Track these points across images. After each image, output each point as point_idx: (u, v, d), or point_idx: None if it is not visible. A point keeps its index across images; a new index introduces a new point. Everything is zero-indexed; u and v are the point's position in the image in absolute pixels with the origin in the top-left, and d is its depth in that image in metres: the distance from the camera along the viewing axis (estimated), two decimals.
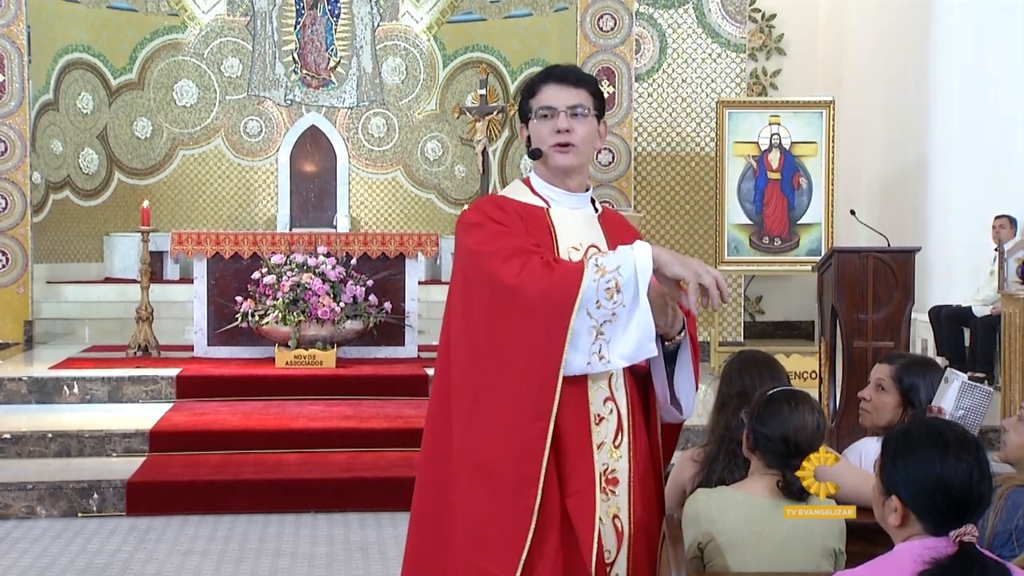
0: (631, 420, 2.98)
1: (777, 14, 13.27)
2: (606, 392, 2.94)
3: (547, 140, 3.03)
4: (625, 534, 2.93)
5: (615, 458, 2.94)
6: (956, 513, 2.34)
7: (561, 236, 3.01)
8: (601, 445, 2.92)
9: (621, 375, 2.96)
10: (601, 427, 2.93)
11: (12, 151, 11.19)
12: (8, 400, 8.75)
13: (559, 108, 3.01)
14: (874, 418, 3.88)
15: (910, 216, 11.37)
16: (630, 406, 2.98)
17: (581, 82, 3.05)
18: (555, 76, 3.04)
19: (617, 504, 2.93)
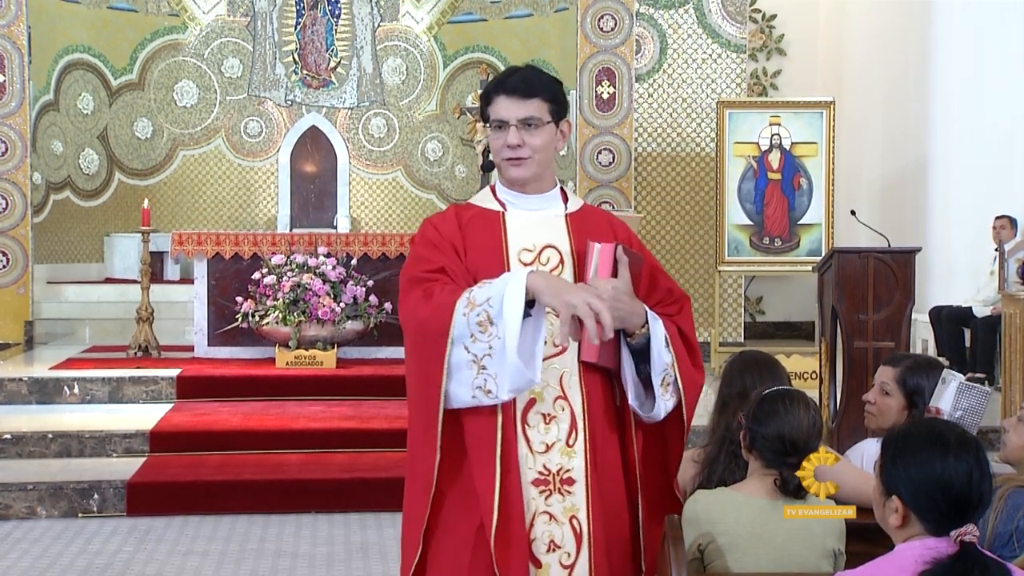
0: (588, 418, 2.91)
1: (777, 14, 13.27)
2: (557, 391, 2.90)
3: (500, 153, 3.02)
4: (584, 535, 2.87)
5: (570, 457, 2.89)
6: (957, 513, 2.34)
7: (512, 240, 2.99)
8: (553, 444, 2.88)
9: (575, 372, 2.91)
10: (552, 426, 2.89)
11: (12, 151, 11.19)
12: (9, 400, 8.76)
13: (510, 121, 2.98)
14: (879, 421, 3.86)
15: (910, 216, 11.38)
16: (587, 404, 2.92)
17: (533, 94, 2.98)
18: (507, 88, 2.99)
19: (574, 504, 2.88)
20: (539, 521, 2.87)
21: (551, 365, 2.89)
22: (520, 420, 2.88)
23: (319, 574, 5.95)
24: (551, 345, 2.88)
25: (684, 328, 3.02)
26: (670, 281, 3.12)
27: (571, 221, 3.06)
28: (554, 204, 3.09)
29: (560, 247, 3.00)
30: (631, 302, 2.88)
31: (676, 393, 2.95)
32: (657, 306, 3.01)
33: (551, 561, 2.86)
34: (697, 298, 11.83)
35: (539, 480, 2.87)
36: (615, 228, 3.10)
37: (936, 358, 4.14)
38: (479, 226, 3.01)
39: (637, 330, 2.90)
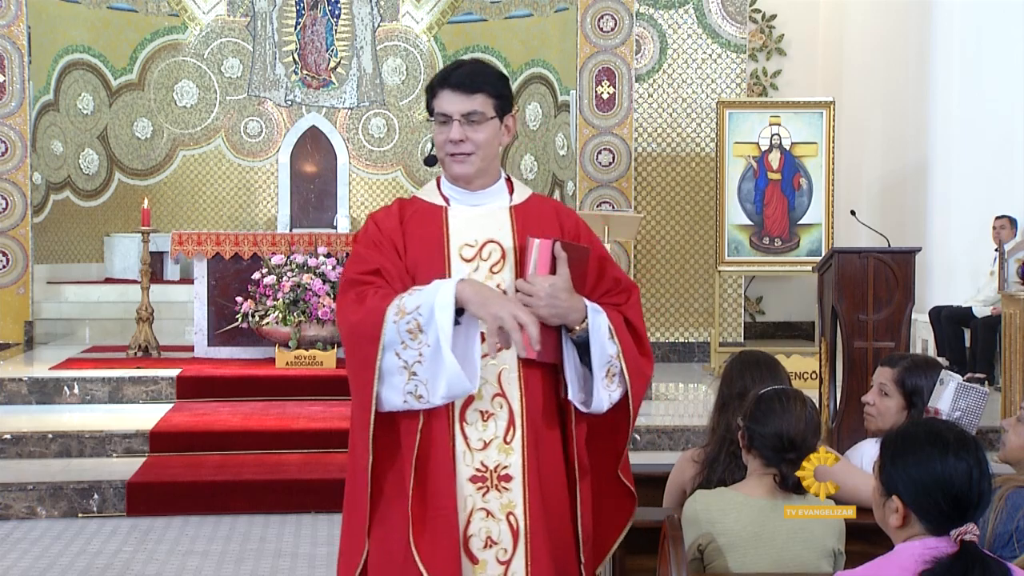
0: (526, 415, 2.91)
1: (777, 15, 13.27)
2: (495, 388, 2.91)
3: (443, 148, 3.01)
4: (521, 531, 2.88)
5: (507, 454, 2.90)
6: (957, 512, 2.35)
7: (454, 235, 2.98)
8: (491, 442, 2.89)
9: (515, 369, 2.91)
10: (490, 423, 2.90)
11: (12, 151, 11.19)
12: (8, 400, 8.76)
13: (453, 116, 2.96)
14: (879, 422, 3.85)
15: (910, 217, 11.38)
16: (526, 400, 2.92)
17: (478, 88, 2.95)
18: (451, 82, 2.97)
19: (511, 500, 2.89)
20: (476, 517, 2.88)
21: (489, 362, 2.89)
22: (458, 417, 2.89)
23: (319, 574, 5.95)
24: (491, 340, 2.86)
25: (631, 317, 3.02)
26: (618, 271, 3.11)
27: (515, 214, 3.04)
28: (498, 197, 3.06)
29: (502, 242, 2.99)
30: (569, 298, 2.88)
31: (623, 383, 2.95)
32: (605, 296, 3.01)
33: (488, 557, 2.87)
34: (697, 298, 11.83)
35: (476, 477, 2.88)
36: (562, 219, 3.08)
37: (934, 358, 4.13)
38: (421, 221, 3.01)
39: (577, 325, 2.91)
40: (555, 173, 12.57)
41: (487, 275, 2.94)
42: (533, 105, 12.92)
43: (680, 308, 11.85)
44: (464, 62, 3.05)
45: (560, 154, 12.43)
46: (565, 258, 2.91)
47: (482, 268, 2.96)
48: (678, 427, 8.21)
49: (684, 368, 11.32)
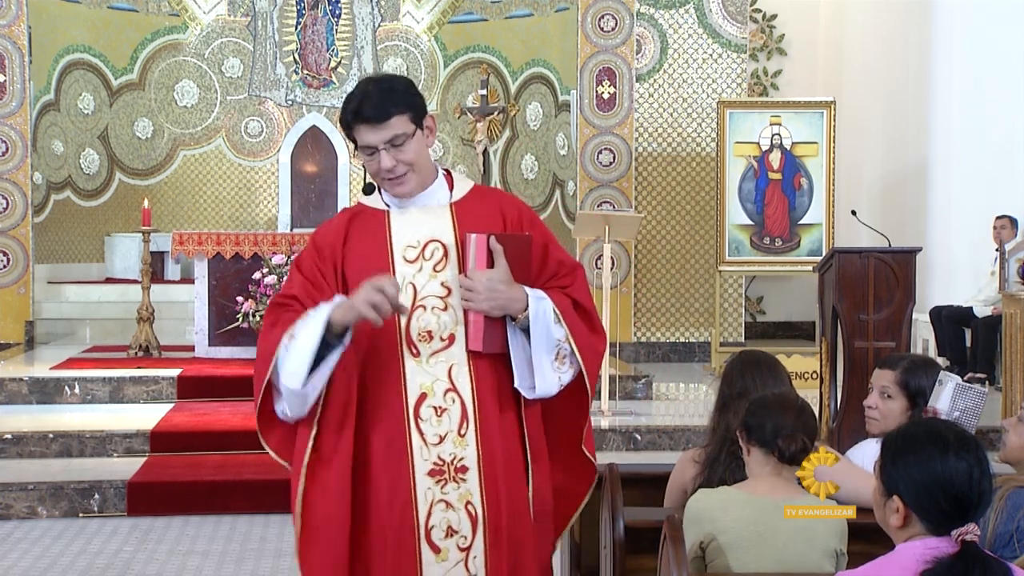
0: (478, 407, 3.01)
1: (778, 14, 13.27)
2: (446, 384, 3.00)
3: (377, 175, 3.08)
4: (479, 519, 2.99)
5: (462, 446, 3.00)
6: (958, 512, 2.34)
7: (396, 238, 3.06)
8: (446, 435, 2.99)
9: (464, 364, 3.01)
10: (444, 418, 2.99)
11: (13, 151, 11.19)
12: (9, 400, 8.76)
13: (378, 147, 3.02)
14: (882, 425, 3.79)
15: (911, 216, 11.38)
16: (477, 393, 3.01)
17: (390, 114, 3.01)
18: (362, 118, 3.01)
19: (468, 490, 2.99)
20: (436, 509, 2.98)
21: (439, 359, 3.00)
22: (413, 415, 2.98)
23: None
24: (439, 339, 3.00)
25: (578, 298, 3.10)
26: (562, 252, 3.19)
27: (456, 210, 3.11)
28: (438, 195, 3.14)
29: (444, 239, 3.06)
30: (508, 290, 2.97)
31: (575, 363, 3.05)
32: (552, 279, 3.11)
33: (449, 546, 2.98)
34: (698, 298, 11.83)
35: (434, 471, 2.98)
36: (505, 209, 3.17)
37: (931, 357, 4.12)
38: (363, 228, 3.10)
39: (519, 314, 3.00)
40: (556, 173, 12.57)
41: (431, 274, 3.03)
42: (534, 105, 12.92)
43: (681, 308, 11.85)
44: (367, 92, 3.05)
45: (561, 154, 12.43)
46: (501, 251, 2.99)
47: (425, 268, 3.04)
48: (679, 427, 8.21)
49: (685, 368, 11.32)
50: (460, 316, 3.01)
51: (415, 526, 2.97)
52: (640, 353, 11.66)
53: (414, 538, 2.97)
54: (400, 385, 2.99)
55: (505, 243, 3.01)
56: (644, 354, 11.71)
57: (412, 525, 2.97)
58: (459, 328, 3.01)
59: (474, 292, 2.96)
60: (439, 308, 3.01)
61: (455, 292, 3.01)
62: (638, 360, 11.42)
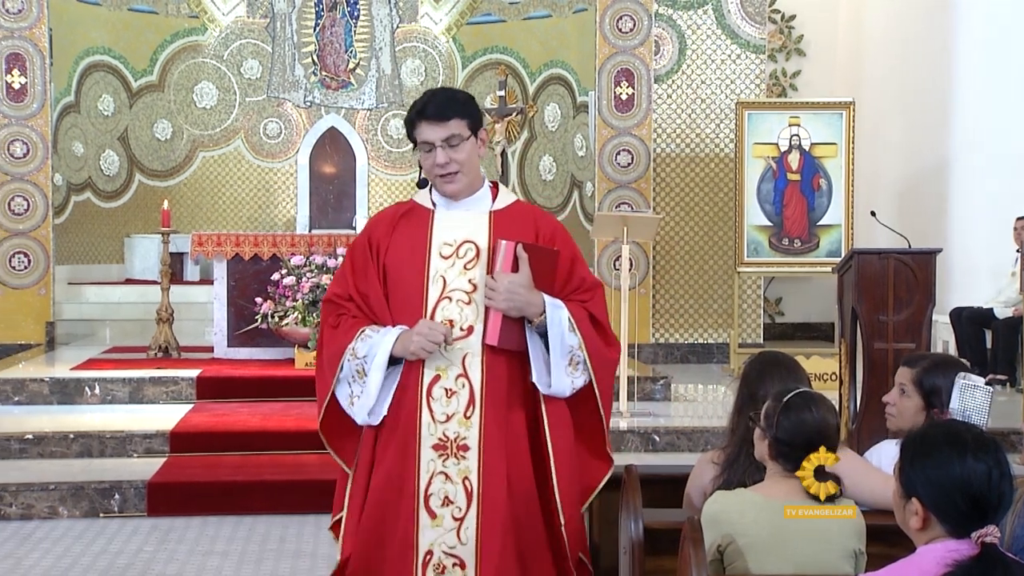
0: (485, 394, 3.34)
1: (797, 15, 13.24)
2: (459, 369, 3.35)
3: (432, 171, 3.44)
4: (475, 494, 3.34)
5: (466, 427, 3.35)
6: (977, 514, 2.34)
7: (436, 235, 3.42)
8: (452, 415, 3.35)
9: (478, 355, 3.35)
10: (453, 400, 3.35)
11: (34, 153, 11.25)
12: (30, 401, 8.80)
13: (435, 143, 3.40)
14: (898, 422, 3.84)
15: (931, 217, 11.33)
16: (486, 381, 3.34)
17: (450, 116, 3.40)
18: (426, 115, 3.42)
19: (468, 467, 3.34)
20: (436, 480, 3.35)
21: (456, 347, 3.35)
22: (426, 393, 3.35)
23: None
24: (458, 329, 3.35)
25: (595, 312, 3.44)
26: (585, 271, 3.55)
27: (495, 217, 3.47)
28: (482, 203, 3.50)
29: (478, 242, 3.41)
30: (527, 294, 3.32)
31: (586, 371, 3.40)
32: (574, 293, 3.44)
33: (444, 513, 3.35)
34: (716, 299, 11.81)
35: (438, 445, 3.35)
36: (539, 224, 3.51)
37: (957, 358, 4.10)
38: (410, 222, 3.48)
39: (536, 318, 3.34)
40: (573, 174, 12.57)
41: (461, 271, 3.39)
42: (552, 106, 12.92)
43: (699, 309, 11.84)
44: (434, 93, 3.51)
45: (579, 155, 12.43)
46: (526, 258, 3.33)
47: (457, 264, 3.40)
48: (697, 428, 8.20)
49: (703, 369, 11.31)
50: (481, 312, 3.35)
51: (415, 491, 3.34)
52: (658, 354, 11.65)
53: (414, 501, 3.34)
54: (418, 364, 3.35)
55: (531, 253, 3.34)
56: (662, 355, 11.69)
57: (413, 490, 3.34)
58: (479, 322, 3.35)
59: (496, 292, 3.30)
60: (463, 302, 3.36)
61: (480, 290, 3.35)
62: (656, 361, 11.41)
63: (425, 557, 3.35)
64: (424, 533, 3.34)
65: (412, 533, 3.34)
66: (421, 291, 3.36)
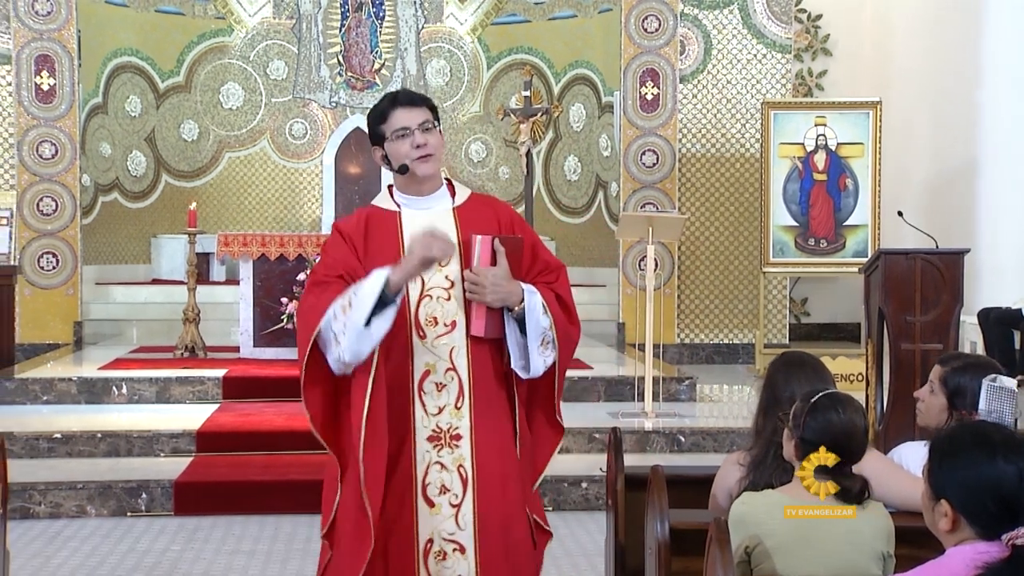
0: (474, 384, 3.48)
1: (823, 14, 13.18)
2: (447, 363, 3.48)
3: (410, 155, 3.52)
4: (469, 480, 3.47)
5: (457, 418, 3.48)
6: (1007, 516, 2.32)
7: (407, 237, 3.50)
8: (444, 408, 3.47)
9: (463, 347, 3.47)
10: (443, 393, 3.47)
11: (62, 154, 11.33)
12: (58, 400, 8.85)
13: (411, 127, 3.50)
14: (925, 418, 3.88)
15: (959, 217, 11.26)
16: (473, 372, 3.48)
17: (421, 103, 3.56)
18: (401, 101, 3.55)
19: (461, 455, 3.47)
20: (432, 470, 3.47)
21: (442, 342, 3.47)
22: (417, 388, 3.47)
23: None
24: (443, 325, 3.47)
25: (561, 293, 3.57)
26: (548, 254, 3.68)
27: (458, 214, 3.59)
28: (442, 200, 3.62)
29: (451, 238, 3.48)
30: (509, 284, 3.45)
31: (555, 349, 3.52)
32: (539, 276, 3.57)
33: (442, 501, 3.47)
34: (742, 299, 11.78)
35: (432, 437, 3.47)
36: (499, 214, 3.64)
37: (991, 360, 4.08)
38: (379, 225, 3.57)
39: (516, 306, 3.46)
40: (599, 174, 12.56)
41: (437, 268, 3.46)
42: (577, 106, 12.91)
43: (725, 309, 11.81)
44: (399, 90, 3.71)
45: (604, 155, 12.42)
46: (504, 252, 3.46)
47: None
48: (722, 429, 8.18)
49: (728, 370, 11.28)
50: (461, 306, 3.47)
51: (413, 482, 3.45)
52: (684, 355, 11.63)
53: (412, 492, 3.45)
54: (408, 362, 3.46)
55: (505, 244, 3.48)
56: (688, 356, 11.67)
57: (411, 481, 3.45)
58: (460, 316, 3.47)
59: (480, 286, 3.43)
60: (443, 298, 3.48)
61: (457, 285, 3.48)
62: (682, 362, 11.39)
63: (426, 545, 3.46)
64: (423, 522, 3.45)
65: (412, 523, 3.45)
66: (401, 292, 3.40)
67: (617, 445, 4.23)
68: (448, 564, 3.46)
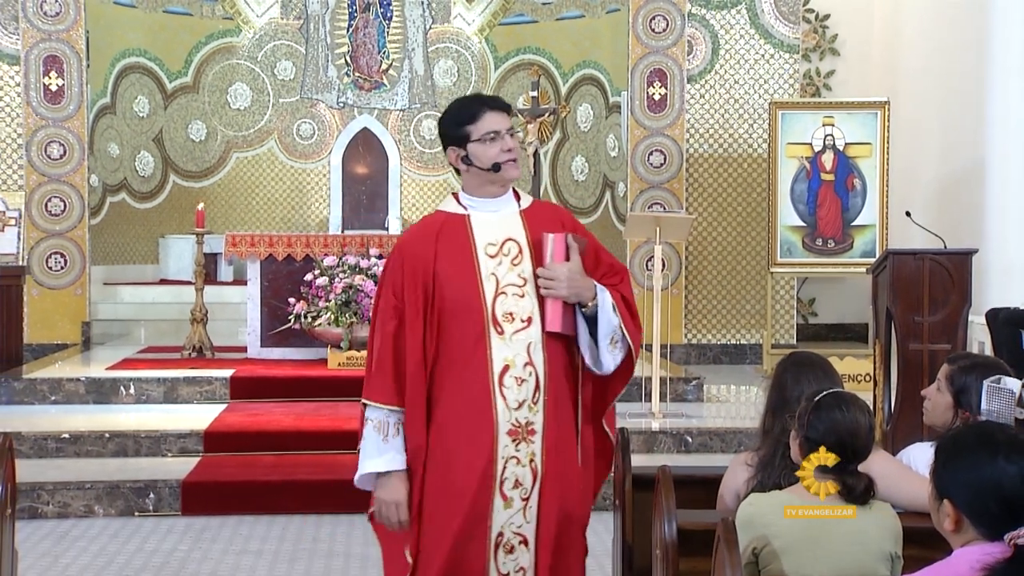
0: (548, 380, 3.56)
1: (831, 14, 13.15)
2: (525, 358, 3.55)
3: (499, 157, 3.62)
4: (539, 473, 3.54)
5: (533, 412, 3.55)
6: (1010, 516, 2.31)
7: (478, 238, 3.61)
8: (523, 403, 3.53)
9: (539, 343, 3.55)
10: (522, 387, 3.53)
11: (71, 154, 11.35)
12: (67, 400, 8.87)
13: (502, 130, 3.63)
14: (930, 417, 3.89)
15: (967, 218, 11.23)
16: (548, 367, 3.56)
17: (508, 108, 3.73)
18: (491, 105, 3.68)
19: (533, 450, 3.54)
20: (510, 465, 3.53)
21: (519, 337, 3.55)
22: (498, 383, 3.52)
23: (371, 575, 5.97)
24: (519, 321, 3.56)
25: (626, 295, 3.66)
26: (611, 257, 3.77)
27: (525, 216, 3.69)
28: (509, 204, 3.72)
29: (519, 239, 3.63)
30: (583, 280, 3.56)
31: (624, 347, 3.61)
32: (603, 278, 3.64)
33: (515, 496, 3.54)
34: (749, 300, 11.77)
35: (512, 431, 3.53)
36: (561, 218, 3.76)
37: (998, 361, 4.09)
38: (450, 230, 3.65)
39: (589, 302, 3.57)
40: (606, 174, 12.55)
41: (509, 267, 3.59)
42: (584, 106, 12.91)
43: (732, 310, 11.80)
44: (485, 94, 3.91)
45: (611, 155, 12.41)
46: (577, 247, 3.57)
47: (504, 262, 3.60)
48: (730, 429, 8.18)
49: (736, 370, 11.27)
50: (536, 303, 3.56)
51: (494, 477, 3.51)
52: (691, 355, 11.62)
53: (492, 489, 3.51)
54: (487, 358, 3.52)
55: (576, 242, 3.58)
56: (695, 356, 11.66)
57: (492, 477, 3.50)
58: (535, 312, 3.56)
59: (555, 281, 3.53)
60: (518, 295, 3.57)
61: (530, 282, 3.57)
62: (689, 362, 11.38)
63: (497, 539, 3.53)
64: (497, 516, 3.52)
65: (488, 518, 3.51)
66: (477, 290, 3.55)
67: (624, 445, 4.23)
68: (514, 556, 3.55)
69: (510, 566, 3.54)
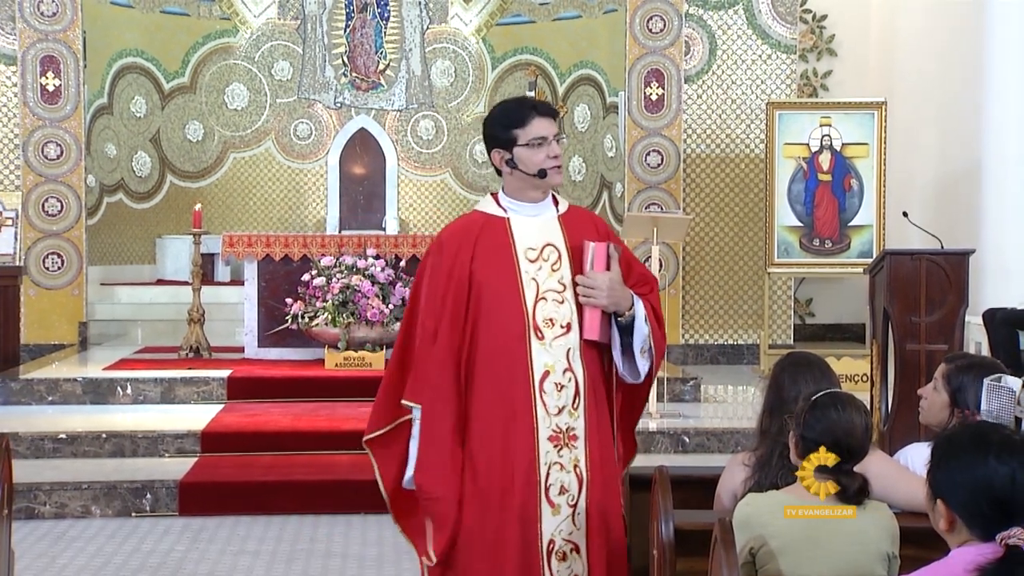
0: (588, 386, 3.59)
1: (828, 15, 13.16)
2: (565, 364, 3.58)
3: (545, 163, 3.64)
4: (584, 479, 3.57)
5: (574, 418, 3.58)
6: (1002, 516, 2.31)
7: (519, 241, 3.65)
8: (563, 408, 3.56)
9: (578, 349, 3.59)
10: (562, 393, 3.57)
11: (68, 154, 11.34)
12: (64, 400, 8.87)
13: (549, 136, 3.64)
14: (926, 416, 3.90)
15: (964, 218, 11.24)
16: (587, 374, 3.59)
17: (556, 114, 3.75)
18: (540, 110, 3.67)
19: (577, 455, 3.57)
20: (553, 470, 3.55)
21: (559, 343, 3.58)
22: (538, 388, 3.55)
23: (369, 575, 5.98)
24: (559, 327, 3.58)
25: (655, 305, 3.70)
26: (642, 267, 3.83)
27: (563, 222, 3.73)
28: (548, 208, 3.75)
29: (557, 244, 3.66)
30: (622, 290, 3.60)
31: (650, 357, 3.66)
32: (634, 287, 3.67)
33: (561, 502, 3.55)
34: (746, 300, 11.77)
35: (553, 437, 3.55)
36: (596, 224, 3.81)
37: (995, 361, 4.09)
38: (490, 232, 3.67)
39: (626, 311, 3.60)
40: (603, 175, 12.56)
41: (549, 272, 3.62)
42: (581, 107, 12.91)
43: (729, 310, 11.80)
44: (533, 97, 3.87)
45: (608, 155, 12.42)
46: (617, 257, 3.60)
47: (544, 267, 3.63)
48: (727, 430, 8.18)
49: (733, 370, 11.27)
50: (575, 309, 3.59)
51: (538, 484, 3.52)
52: (688, 355, 11.62)
53: (537, 495, 3.52)
54: (527, 363, 3.55)
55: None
56: (692, 356, 11.67)
57: (536, 483, 3.52)
58: (574, 319, 3.59)
59: (596, 290, 3.56)
60: (557, 301, 3.60)
61: (569, 288, 3.60)
62: (686, 362, 11.39)
63: (548, 547, 3.54)
64: (546, 523, 3.53)
65: (536, 527, 3.52)
66: (518, 293, 3.57)
67: None
68: (567, 564, 3.55)
69: (564, 574, 3.54)
